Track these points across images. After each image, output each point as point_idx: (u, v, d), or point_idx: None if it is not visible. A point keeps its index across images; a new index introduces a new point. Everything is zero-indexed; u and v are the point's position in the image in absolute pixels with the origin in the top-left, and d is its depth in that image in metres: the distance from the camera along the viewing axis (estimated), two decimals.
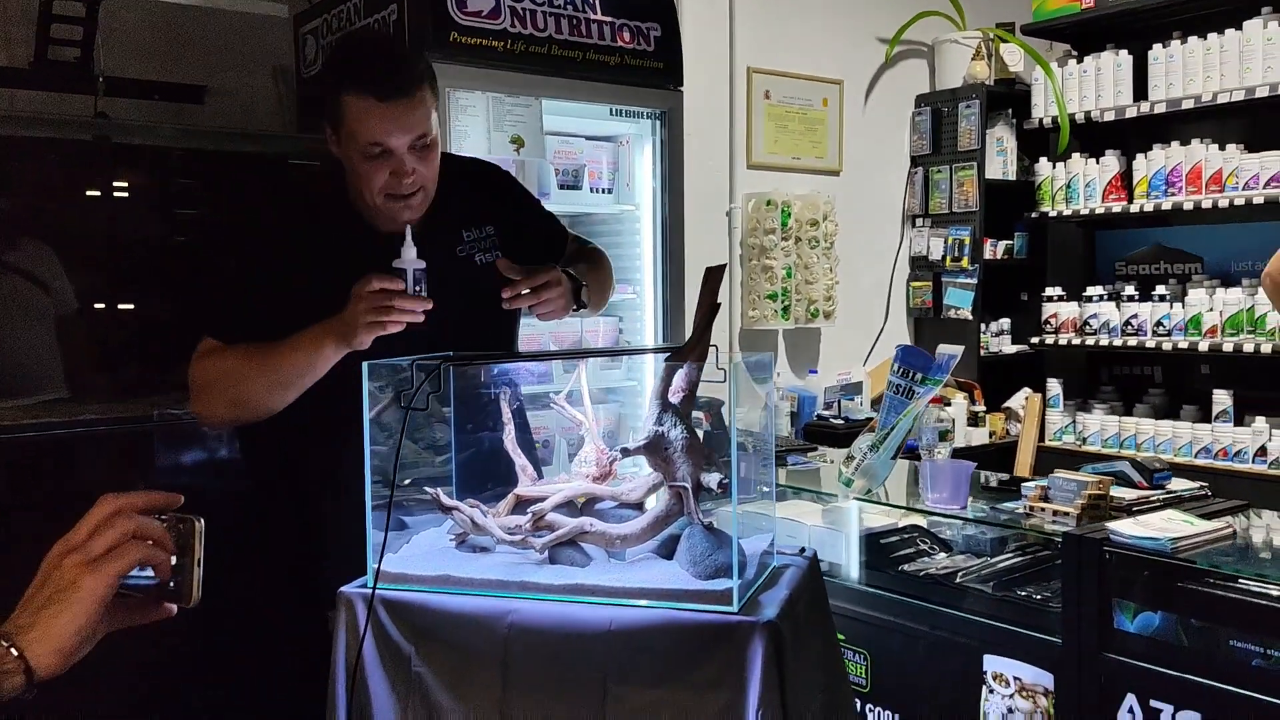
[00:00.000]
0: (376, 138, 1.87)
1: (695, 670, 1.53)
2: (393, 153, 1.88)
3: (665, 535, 1.66)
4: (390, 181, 1.90)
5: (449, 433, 1.82)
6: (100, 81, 2.89)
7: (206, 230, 2.90)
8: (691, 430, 1.60)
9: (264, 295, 1.94)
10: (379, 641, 1.64)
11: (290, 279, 1.92)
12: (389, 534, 1.65)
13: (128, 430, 2.50)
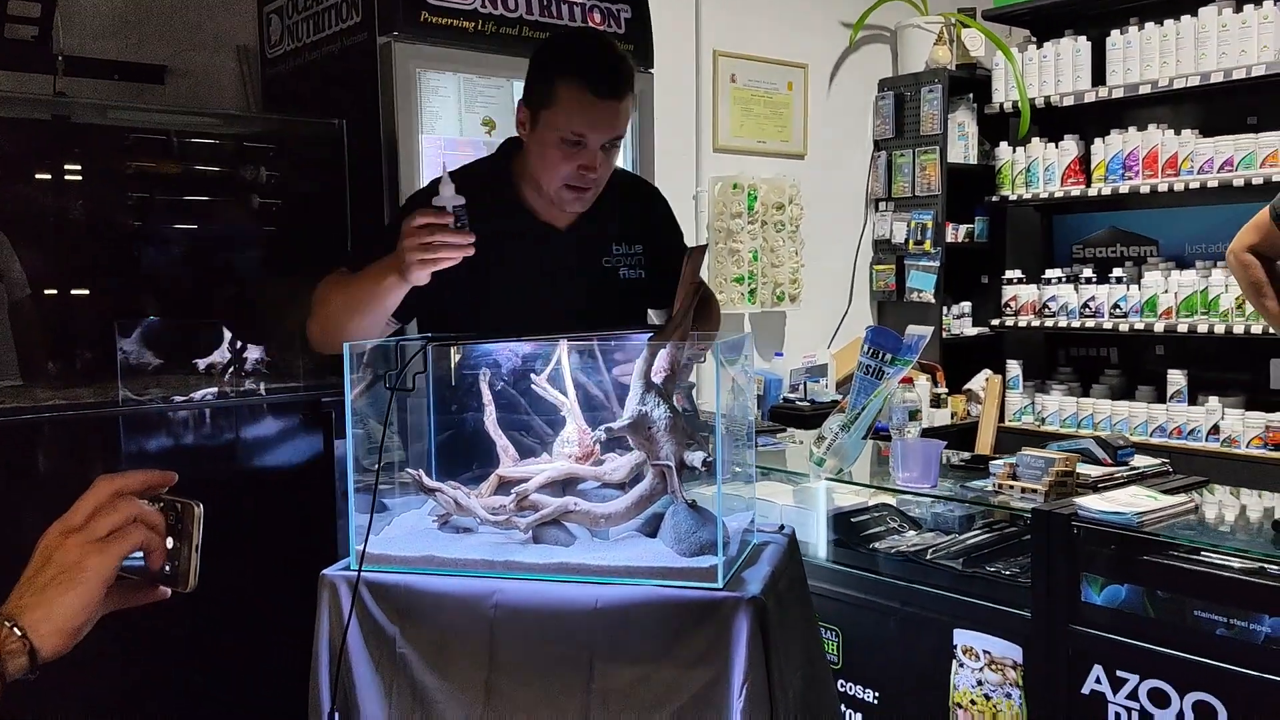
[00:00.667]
0: (581, 129, 1.93)
1: (681, 646, 1.55)
2: (587, 147, 1.95)
3: (649, 514, 1.67)
4: (574, 173, 1.97)
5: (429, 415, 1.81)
6: (59, 60, 2.84)
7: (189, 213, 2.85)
8: (674, 409, 1.62)
9: None
10: (363, 623, 1.64)
11: None
12: (374, 516, 1.64)
13: (91, 416, 2.46)
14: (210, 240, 2.98)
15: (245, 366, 2.85)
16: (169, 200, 2.83)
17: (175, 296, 2.85)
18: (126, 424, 2.50)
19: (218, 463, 2.64)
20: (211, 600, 2.46)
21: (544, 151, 1.97)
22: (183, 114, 2.86)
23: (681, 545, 1.61)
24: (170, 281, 2.89)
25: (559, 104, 1.92)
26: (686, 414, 1.74)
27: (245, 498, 2.58)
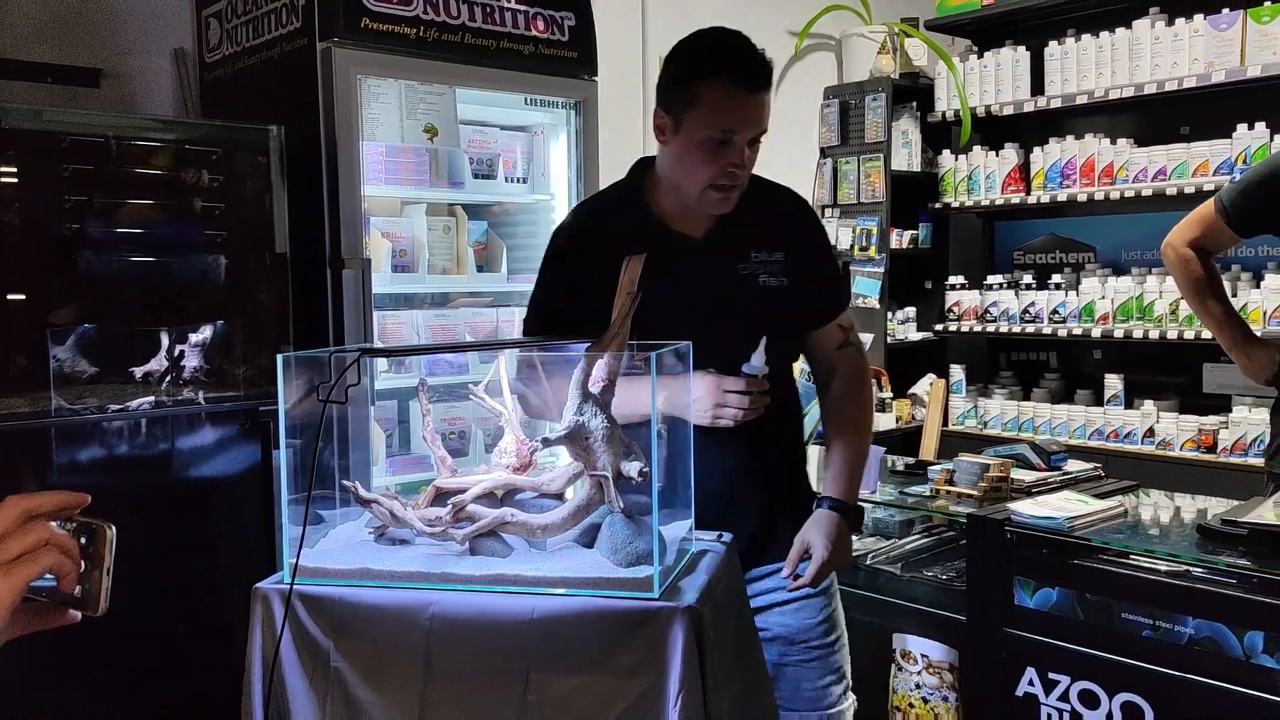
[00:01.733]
0: (730, 125, 1.89)
1: (617, 657, 1.56)
2: (734, 144, 1.91)
3: (586, 524, 1.68)
4: (721, 172, 1.92)
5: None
6: None
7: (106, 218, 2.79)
8: (612, 419, 1.61)
9: (562, 297, 2.02)
10: (296, 637, 1.62)
11: (572, 279, 2.01)
12: (307, 528, 1.62)
13: (22, 427, 2.40)
14: (149, 245, 2.93)
15: (183, 375, 2.80)
16: (106, 204, 2.77)
17: (112, 303, 2.79)
18: (59, 434, 2.44)
19: (154, 473, 2.60)
20: (147, 613, 2.43)
21: (690, 153, 1.92)
22: (117, 117, 2.80)
23: (618, 555, 1.61)
24: (107, 287, 2.83)
25: (705, 103, 1.89)
26: None
27: (182, 508, 2.54)
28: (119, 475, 2.50)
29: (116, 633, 2.37)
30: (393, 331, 3.04)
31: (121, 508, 2.59)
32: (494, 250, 3.36)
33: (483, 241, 3.37)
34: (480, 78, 2.99)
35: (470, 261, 3.23)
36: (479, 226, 3.39)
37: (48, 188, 2.64)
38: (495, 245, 3.38)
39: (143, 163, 2.81)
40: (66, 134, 2.65)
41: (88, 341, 2.69)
